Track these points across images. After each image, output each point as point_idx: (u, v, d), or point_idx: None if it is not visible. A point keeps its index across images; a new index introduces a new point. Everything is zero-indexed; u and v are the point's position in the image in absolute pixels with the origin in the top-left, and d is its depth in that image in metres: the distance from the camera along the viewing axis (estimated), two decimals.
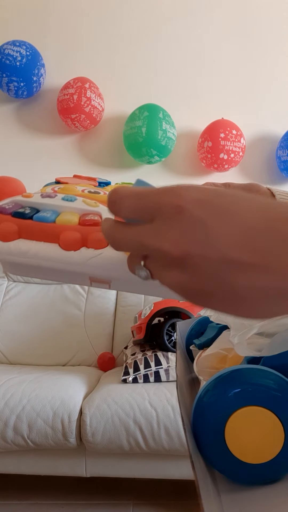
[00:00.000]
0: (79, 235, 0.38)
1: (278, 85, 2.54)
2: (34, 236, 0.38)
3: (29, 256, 0.38)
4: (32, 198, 0.43)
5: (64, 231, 0.38)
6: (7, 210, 0.39)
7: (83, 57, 2.54)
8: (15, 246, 0.38)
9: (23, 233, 0.38)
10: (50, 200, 0.43)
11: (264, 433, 0.36)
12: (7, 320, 2.23)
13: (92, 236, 0.38)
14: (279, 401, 0.37)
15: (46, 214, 0.40)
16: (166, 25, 2.53)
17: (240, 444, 0.37)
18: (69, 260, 0.38)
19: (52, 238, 0.38)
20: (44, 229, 0.38)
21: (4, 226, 0.38)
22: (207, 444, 0.37)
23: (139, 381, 1.72)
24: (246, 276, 0.26)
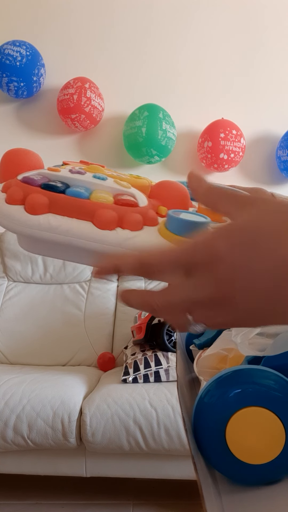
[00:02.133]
0: (115, 214, 0.36)
1: (278, 85, 2.54)
2: (65, 212, 0.36)
3: (59, 232, 0.35)
4: (60, 172, 0.40)
5: (99, 208, 0.36)
6: (36, 182, 0.37)
7: (83, 57, 2.54)
8: (44, 220, 0.35)
9: (54, 208, 0.36)
10: (81, 177, 0.40)
11: (265, 434, 0.36)
12: (7, 320, 2.23)
13: (128, 217, 0.36)
14: (280, 401, 0.36)
15: (79, 189, 0.37)
16: (166, 25, 2.53)
17: (241, 445, 0.36)
18: (104, 239, 0.35)
19: (85, 215, 0.36)
20: (78, 205, 0.36)
21: (34, 198, 0.35)
22: (208, 444, 0.37)
23: (139, 381, 1.72)
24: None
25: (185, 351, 0.74)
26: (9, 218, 0.35)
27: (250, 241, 0.29)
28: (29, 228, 0.35)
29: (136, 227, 0.36)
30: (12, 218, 0.35)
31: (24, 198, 0.36)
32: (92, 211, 0.36)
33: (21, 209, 0.35)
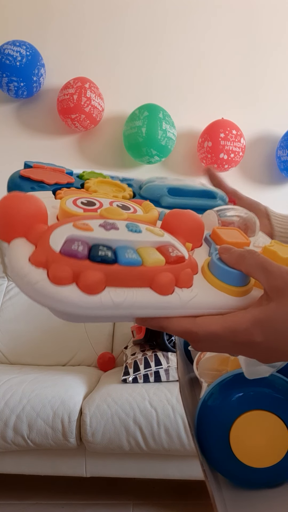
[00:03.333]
0: (172, 276, 0.34)
1: (278, 85, 2.54)
2: (123, 283, 0.32)
3: (123, 307, 0.32)
4: (94, 232, 0.35)
5: (157, 273, 0.33)
6: (81, 253, 0.32)
7: (83, 57, 2.54)
8: (106, 298, 0.31)
9: (110, 281, 0.32)
10: (118, 234, 0.36)
11: (269, 437, 0.36)
12: (7, 320, 2.23)
13: (182, 275, 0.34)
14: (284, 404, 0.36)
15: (131, 255, 0.34)
16: (166, 25, 2.53)
17: (245, 448, 0.36)
18: (168, 305, 0.33)
19: (143, 282, 0.33)
20: (135, 274, 0.33)
21: (90, 276, 0.31)
22: (211, 448, 0.37)
23: (139, 381, 1.72)
24: None
25: (183, 352, 0.74)
26: (63, 301, 0.31)
27: (279, 335, 0.34)
28: (89, 310, 0.31)
29: (190, 283, 0.35)
30: (67, 302, 0.31)
31: (75, 276, 0.31)
32: (150, 277, 0.33)
33: (75, 289, 0.31)
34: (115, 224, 0.37)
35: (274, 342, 0.33)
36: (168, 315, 0.34)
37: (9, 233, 0.34)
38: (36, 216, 0.35)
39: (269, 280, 0.34)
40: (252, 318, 0.34)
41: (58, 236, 0.33)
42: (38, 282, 0.31)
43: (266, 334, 0.34)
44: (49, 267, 0.32)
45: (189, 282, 0.35)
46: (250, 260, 0.35)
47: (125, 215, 0.39)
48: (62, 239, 0.33)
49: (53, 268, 0.31)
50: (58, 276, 0.31)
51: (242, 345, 0.34)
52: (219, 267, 0.36)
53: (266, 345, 0.34)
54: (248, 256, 0.35)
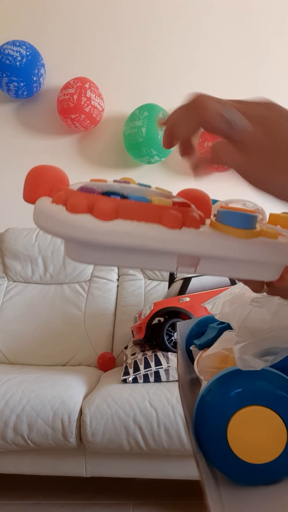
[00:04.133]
0: (180, 214, 0.36)
1: (279, 85, 2.54)
2: (133, 216, 0.35)
3: (134, 236, 0.34)
4: (108, 183, 0.40)
5: (166, 210, 0.35)
6: (96, 190, 0.36)
7: (83, 57, 2.54)
8: (118, 226, 0.34)
9: (122, 213, 0.35)
10: (130, 186, 0.40)
11: (267, 433, 0.36)
12: (7, 320, 2.23)
13: (189, 216, 0.36)
14: (282, 401, 0.36)
15: (141, 194, 0.37)
16: (166, 25, 2.53)
17: (242, 444, 0.36)
18: (175, 239, 0.35)
19: (153, 218, 0.35)
20: (145, 209, 0.35)
21: (103, 204, 0.34)
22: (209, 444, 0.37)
23: (139, 381, 1.71)
24: None
25: (185, 352, 0.73)
26: (79, 227, 0.34)
27: None
28: (103, 235, 0.34)
29: (197, 225, 0.37)
30: (82, 227, 0.34)
31: (90, 206, 0.34)
32: (159, 213, 0.35)
33: (90, 217, 0.34)
34: (128, 182, 0.41)
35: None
36: (176, 250, 0.36)
37: (35, 194, 0.40)
38: (58, 180, 0.40)
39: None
40: None
41: (76, 185, 0.38)
42: (57, 213, 0.35)
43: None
44: (66, 200, 0.35)
45: (197, 224, 0.37)
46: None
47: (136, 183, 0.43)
48: (78, 186, 0.37)
49: (72, 200, 0.35)
50: (76, 206, 0.34)
51: None
52: (223, 212, 0.38)
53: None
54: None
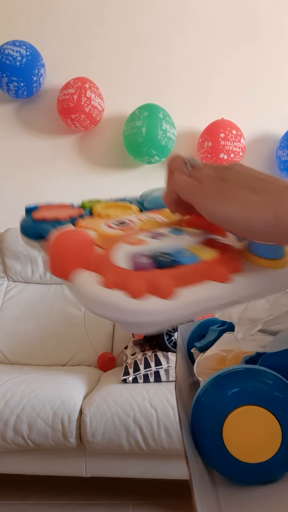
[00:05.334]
0: (228, 265, 0.35)
1: (278, 85, 2.54)
2: (188, 282, 0.34)
3: (202, 303, 0.34)
4: (149, 244, 0.37)
5: (216, 266, 0.35)
6: (147, 265, 0.34)
7: (83, 57, 2.54)
8: (183, 300, 0.33)
9: (180, 282, 0.33)
10: (168, 240, 0.38)
11: (262, 433, 0.36)
12: (7, 320, 2.23)
13: (236, 262, 0.36)
14: (276, 400, 0.37)
15: (189, 254, 0.36)
16: (166, 25, 2.53)
17: (238, 443, 0.37)
18: (234, 292, 0.35)
19: (205, 276, 0.34)
20: (199, 270, 0.34)
21: (165, 283, 0.32)
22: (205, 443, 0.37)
23: (139, 381, 1.72)
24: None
25: (186, 354, 0.74)
26: (148, 313, 0.32)
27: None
28: (170, 314, 0.33)
29: (240, 267, 0.36)
30: (152, 312, 0.32)
31: (151, 286, 0.32)
32: (213, 270, 0.35)
33: (156, 299, 0.32)
34: (162, 233, 0.39)
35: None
36: (234, 300, 0.35)
37: (66, 268, 0.36)
38: (87, 246, 0.37)
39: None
40: None
41: (120, 256, 0.35)
42: (120, 301, 0.32)
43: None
44: (124, 285, 0.33)
45: (241, 267, 0.37)
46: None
47: (162, 224, 0.42)
48: (125, 257, 0.35)
49: (130, 285, 0.32)
50: (138, 291, 0.32)
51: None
52: (259, 245, 0.37)
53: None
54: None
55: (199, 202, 0.37)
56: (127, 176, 2.53)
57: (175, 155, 0.42)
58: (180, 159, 0.42)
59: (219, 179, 0.38)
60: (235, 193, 0.36)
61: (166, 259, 0.35)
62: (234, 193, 0.36)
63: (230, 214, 0.35)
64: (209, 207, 0.36)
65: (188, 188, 0.39)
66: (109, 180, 2.53)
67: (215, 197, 0.36)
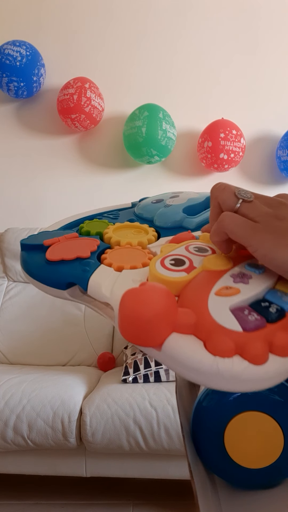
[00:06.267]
0: None
1: (279, 85, 2.54)
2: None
3: None
4: (242, 292, 0.34)
5: None
6: (260, 321, 0.31)
7: (83, 57, 2.54)
8: None
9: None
10: (256, 282, 0.35)
11: (264, 438, 0.36)
12: (7, 320, 2.23)
13: None
14: (278, 406, 0.37)
15: (285, 298, 0.33)
16: (166, 24, 2.53)
17: (239, 449, 0.37)
18: None
19: None
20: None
21: (284, 340, 0.30)
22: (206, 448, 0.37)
23: (139, 381, 1.72)
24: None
25: None
26: (278, 377, 0.29)
27: None
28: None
29: None
30: (277, 377, 0.29)
31: (271, 345, 0.30)
32: None
33: (276, 358, 0.29)
34: (244, 274, 0.36)
35: None
36: None
37: (156, 336, 0.31)
38: (171, 304, 0.31)
39: None
40: None
41: (220, 313, 0.31)
42: (245, 370, 0.28)
43: None
44: (242, 350, 0.29)
45: None
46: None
47: (229, 260, 0.38)
48: (228, 314, 0.31)
49: (249, 348, 0.29)
50: (260, 355, 0.29)
51: None
52: None
53: None
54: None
55: (254, 245, 0.34)
56: (127, 176, 2.53)
57: (223, 186, 0.37)
58: (230, 191, 0.37)
59: (275, 218, 0.34)
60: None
61: (274, 310, 0.31)
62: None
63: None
64: (265, 251, 0.33)
65: (241, 228, 0.35)
66: (109, 180, 2.53)
67: (273, 240, 0.33)
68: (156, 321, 0.30)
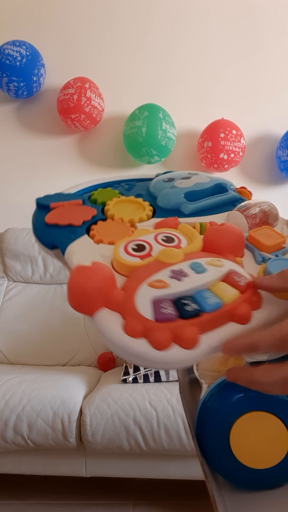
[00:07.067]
0: (249, 305, 0.37)
1: (279, 85, 2.54)
2: (211, 326, 0.35)
3: (219, 347, 0.35)
4: (171, 287, 0.38)
5: (237, 307, 0.36)
6: (172, 315, 0.35)
7: (83, 57, 2.54)
8: (205, 347, 0.34)
9: (202, 330, 0.35)
10: (190, 281, 0.38)
11: (269, 438, 0.36)
12: (7, 320, 2.23)
13: (254, 300, 0.37)
14: (284, 406, 0.37)
15: (212, 300, 0.36)
16: (166, 25, 2.53)
17: (245, 450, 0.37)
18: (253, 328, 0.36)
19: (227, 319, 0.36)
20: (221, 316, 0.36)
21: (187, 333, 0.34)
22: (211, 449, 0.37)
23: (139, 381, 1.72)
24: None
25: None
26: (170, 363, 0.34)
27: None
28: (193, 360, 0.34)
29: (260, 303, 0.37)
30: (174, 362, 0.34)
31: (174, 336, 0.34)
32: (233, 313, 0.36)
33: (178, 349, 0.34)
34: (183, 271, 0.39)
35: None
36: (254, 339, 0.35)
37: (89, 306, 0.37)
38: (109, 284, 0.38)
39: None
40: None
41: (142, 301, 0.36)
42: (144, 352, 0.34)
43: None
44: (148, 335, 0.34)
45: (260, 302, 0.38)
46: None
47: (182, 254, 0.42)
48: (148, 304, 0.36)
49: (154, 336, 0.34)
50: (161, 342, 0.34)
51: None
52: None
53: None
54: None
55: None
56: (128, 173, 2.52)
57: None
58: None
59: None
60: None
61: (190, 308, 0.35)
62: None
63: None
64: None
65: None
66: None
67: None
68: (90, 294, 0.36)
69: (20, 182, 2.53)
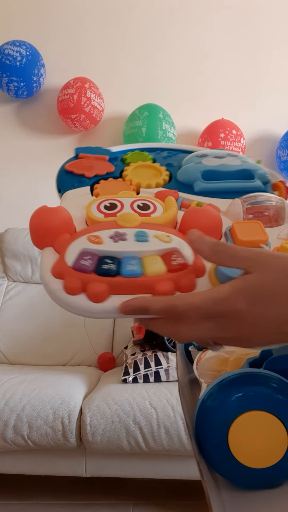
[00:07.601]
0: (173, 284, 0.37)
1: (279, 85, 2.54)
2: (125, 292, 0.37)
3: None
4: (104, 244, 0.40)
5: (157, 282, 0.37)
6: (89, 268, 0.38)
7: (83, 57, 2.54)
8: (110, 305, 0.36)
9: (114, 290, 0.37)
10: (126, 245, 0.40)
11: (268, 438, 0.36)
12: (7, 320, 2.23)
13: (184, 282, 0.38)
14: (282, 405, 0.37)
15: (132, 267, 0.38)
16: (167, 25, 2.53)
17: (243, 449, 0.37)
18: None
19: (144, 290, 0.37)
20: (136, 284, 0.37)
21: (94, 287, 0.37)
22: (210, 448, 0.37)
23: (139, 381, 1.72)
24: None
25: (184, 352, 0.74)
26: (75, 308, 0.37)
27: (260, 301, 0.34)
28: (96, 315, 0.37)
29: (192, 287, 0.38)
30: (78, 308, 0.37)
31: (83, 287, 0.37)
32: (151, 286, 0.37)
33: (84, 298, 0.37)
34: (124, 235, 0.41)
35: (258, 308, 0.34)
36: None
37: (41, 242, 0.42)
38: (61, 228, 0.41)
39: (243, 263, 0.36)
40: (231, 287, 0.35)
41: (73, 250, 0.39)
42: (56, 291, 0.37)
43: (248, 300, 0.34)
44: (64, 278, 0.38)
45: (191, 287, 0.38)
46: (222, 253, 0.36)
47: (139, 221, 0.43)
48: (75, 253, 0.39)
49: (66, 281, 0.37)
50: (70, 288, 0.37)
51: (225, 317, 0.34)
52: (222, 273, 0.38)
53: (250, 314, 0.34)
54: (221, 249, 0.37)
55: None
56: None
57: None
58: None
59: None
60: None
61: (106, 267, 0.38)
62: None
63: None
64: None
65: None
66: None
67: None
68: (40, 231, 0.41)
69: (20, 182, 2.53)
